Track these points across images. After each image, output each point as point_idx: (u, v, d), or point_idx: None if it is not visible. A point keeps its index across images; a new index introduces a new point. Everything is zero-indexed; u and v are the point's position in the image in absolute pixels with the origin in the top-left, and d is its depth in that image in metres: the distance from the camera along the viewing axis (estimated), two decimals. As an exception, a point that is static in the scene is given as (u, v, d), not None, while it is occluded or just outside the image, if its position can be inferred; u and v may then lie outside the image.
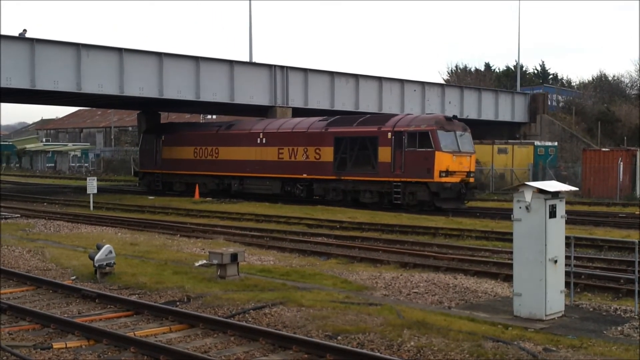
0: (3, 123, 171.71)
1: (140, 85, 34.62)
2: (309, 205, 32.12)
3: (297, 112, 41.62)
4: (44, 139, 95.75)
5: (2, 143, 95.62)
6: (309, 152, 33.83)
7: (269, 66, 40.18)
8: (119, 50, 34.05)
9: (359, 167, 31.88)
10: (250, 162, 36.23)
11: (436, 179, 29.25)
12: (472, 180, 30.84)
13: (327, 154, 33.02)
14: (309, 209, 30.12)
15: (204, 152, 38.97)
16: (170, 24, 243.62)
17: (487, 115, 51.25)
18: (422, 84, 48.18)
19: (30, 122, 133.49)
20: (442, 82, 67.22)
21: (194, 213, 28.69)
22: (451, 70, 77.65)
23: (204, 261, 15.64)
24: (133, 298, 12.26)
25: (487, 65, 75.95)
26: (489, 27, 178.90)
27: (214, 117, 67.57)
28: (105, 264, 14.03)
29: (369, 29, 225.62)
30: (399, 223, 24.47)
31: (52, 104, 48.94)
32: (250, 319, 10.89)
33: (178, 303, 12.03)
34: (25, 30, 33.87)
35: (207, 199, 34.93)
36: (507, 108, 52.85)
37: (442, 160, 29.32)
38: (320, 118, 35.50)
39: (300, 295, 12.23)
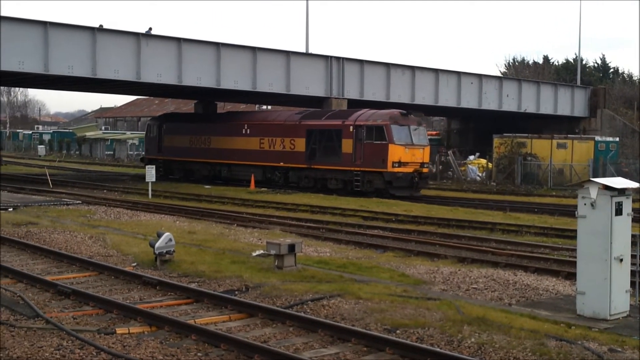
0: (63, 111, 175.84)
1: (198, 75, 34.95)
2: (364, 197, 32.07)
3: (352, 103, 41.50)
4: (102, 127, 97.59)
5: (62, 130, 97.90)
6: (285, 143, 36.72)
7: (325, 57, 40.13)
8: (178, 40, 34.42)
9: (326, 157, 34.74)
10: (237, 151, 39.31)
11: (389, 169, 32.00)
12: (425, 170, 33.69)
13: (300, 144, 35.88)
14: (364, 201, 30.06)
15: (198, 141, 42.04)
16: (228, 14, 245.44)
17: (546, 109, 50.32)
18: (480, 76, 47.55)
19: (89, 111, 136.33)
20: (500, 74, 66.30)
21: (250, 203, 28.89)
22: (509, 62, 76.56)
23: (262, 251, 15.70)
24: (193, 286, 12.39)
25: (546, 58, 74.65)
26: (548, 19, 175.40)
27: (269, 107, 67.88)
28: (165, 251, 14.23)
29: (426, 21, 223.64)
30: (456, 217, 24.24)
31: (111, 92, 49.83)
32: (308, 310, 10.92)
33: (237, 292, 12.13)
34: (150, 28, 35.42)
35: (262, 189, 35.15)
36: (567, 102, 51.80)
37: (395, 152, 32.06)
38: (297, 111, 38.56)
39: (357, 288, 12.20)
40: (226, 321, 10.37)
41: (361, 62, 41.60)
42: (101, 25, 33.51)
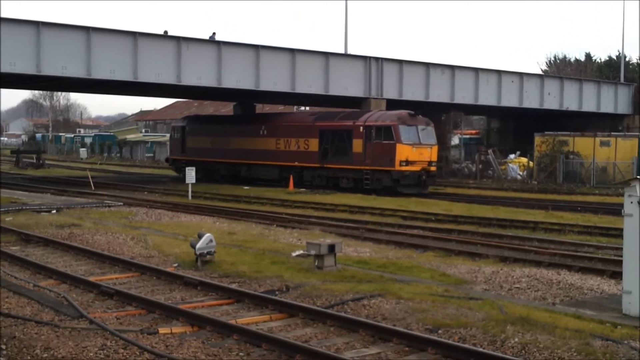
0: (104, 114, 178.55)
1: (237, 78, 35.14)
2: (402, 197, 31.94)
3: (391, 103, 41.34)
4: (143, 130, 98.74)
5: (103, 133, 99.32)
6: (300, 143, 37.82)
7: (364, 58, 40.05)
8: (217, 43, 34.67)
9: (338, 156, 35.70)
10: (255, 151, 40.33)
11: (397, 167, 32.98)
12: (433, 169, 34.45)
13: (314, 144, 36.98)
14: (402, 200, 29.92)
15: (219, 142, 43.15)
16: (266, 16, 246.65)
17: (589, 106, 49.55)
18: (520, 74, 47.01)
19: (130, 114, 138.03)
20: (541, 72, 65.47)
21: (289, 203, 28.95)
22: (550, 60, 75.49)
23: (301, 251, 15.73)
24: (233, 286, 12.44)
25: (588, 56, 73.32)
26: (590, 15, 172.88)
27: (307, 108, 68.00)
28: (206, 252, 14.32)
29: (466, 19, 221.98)
30: (497, 216, 23.99)
31: (152, 95, 50.39)
32: (349, 310, 10.88)
33: (277, 292, 12.14)
34: (214, 34, 36.17)
35: (301, 189, 35.22)
36: (610, 99, 50.93)
37: (403, 151, 33.00)
38: (310, 112, 39.92)
39: (398, 288, 12.13)
40: (267, 321, 10.39)
41: (400, 62, 41.43)
42: (166, 32, 34.75)
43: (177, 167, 46.82)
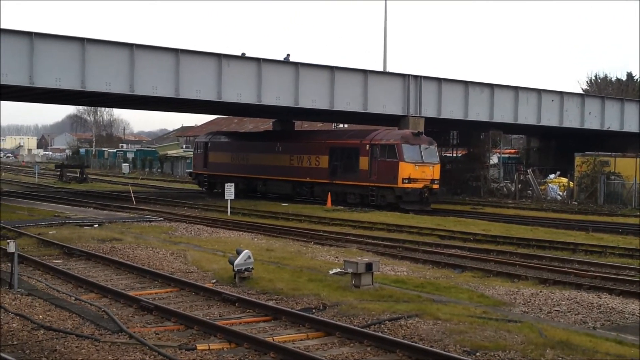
0: (146, 130, 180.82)
1: (277, 95, 35.37)
2: (441, 215, 31.80)
3: (430, 122, 41.24)
4: (184, 146, 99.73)
5: (145, 149, 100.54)
6: (311, 160, 39.40)
7: (403, 75, 40.05)
8: (258, 60, 34.95)
9: (346, 173, 37.27)
10: (270, 167, 42.04)
11: (400, 184, 34.26)
12: (435, 186, 35.43)
13: (324, 161, 38.57)
14: (440, 219, 29.76)
15: (237, 158, 45.09)
16: (306, 35, 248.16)
17: (630, 127, 48.82)
18: (561, 93, 46.55)
19: (171, 129, 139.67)
20: (582, 92, 64.75)
21: (326, 221, 28.99)
22: (591, 79, 74.63)
23: (338, 269, 15.75)
24: (271, 303, 12.50)
25: (629, 75, 72.38)
26: (631, 35, 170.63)
27: (346, 125, 68.13)
28: (244, 268, 14.42)
29: (506, 38, 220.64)
30: (536, 237, 23.71)
31: (193, 112, 50.94)
32: (386, 330, 10.86)
33: (314, 310, 12.17)
34: (289, 55, 37.39)
35: (339, 207, 35.27)
36: (653, 119, 50.11)
37: (405, 169, 34.32)
38: (322, 131, 42.12)
39: (436, 308, 12.08)
40: (304, 339, 10.42)
41: (439, 80, 41.34)
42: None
43: (200, 181, 48.97)
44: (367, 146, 36.02)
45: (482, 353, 9.59)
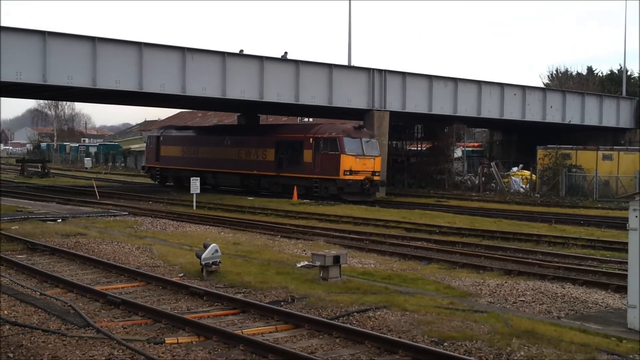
0: (109, 124, 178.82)
1: (242, 89, 35.26)
2: (406, 208, 32.01)
3: (395, 115, 41.48)
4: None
5: (108, 143, 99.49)
6: (259, 153, 40.34)
7: (367, 70, 40.20)
8: (222, 54, 34.79)
9: (292, 165, 38.10)
10: (219, 161, 42.86)
11: (341, 176, 35.16)
12: (377, 178, 36.27)
13: (271, 154, 39.51)
14: (405, 212, 29.97)
15: (188, 151, 45.79)
16: (271, 28, 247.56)
17: (591, 120, 49.68)
18: (523, 87, 47.16)
19: (134, 124, 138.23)
20: (543, 86, 65.58)
21: (293, 214, 29.00)
22: (552, 74, 75.61)
23: (306, 262, 15.79)
24: (239, 296, 12.48)
25: (590, 69, 73.51)
26: (592, 29, 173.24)
27: (311, 119, 68.15)
28: (211, 262, 14.36)
29: (469, 32, 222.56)
30: (500, 229, 24.01)
31: (157, 105, 50.58)
32: (354, 322, 10.92)
33: (282, 303, 12.18)
34: (286, 53, 37.70)
35: (305, 200, 35.30)
36: (612, 113, 51.05)
37: (347, 162, 35.16)
38: (268, 125, 43.18)
39: (403, 300, 12.18)
40: (273, 332, 10.43)
41: (403, 74, 41.57)
42: (241, 50, 36.32)
43: (152, 174, 49.89)
44: (311, 139, 36.83)
45: (450, 343, 9.69)
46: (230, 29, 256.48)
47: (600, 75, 72.18)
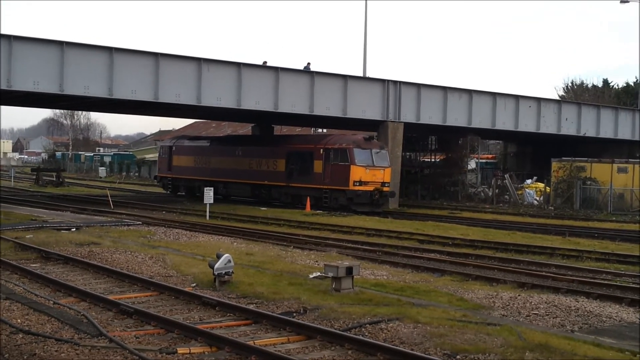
0: (124, 134, 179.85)
1: (257, 99, 35.38)
2: (420, 220, 31.93)
3: (409, 127, 41.47)
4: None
5: (122, 153, 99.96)
6: (269, 163, 40.53)
7: (382, 81, 40.24)
8: (238, 65, 34.93)
9: (302, 176, 38.28)
10: (231, 171, 43.19)
11: (351, 187, 35.25)
12: (386, 189, 36.24)
13: (281, 165, 39.65)
14: (419, 224, 29.91)
15: (200, 161, 46.13)
16: (286, 40, 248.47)
17: (606, 133, 49.44)
18: (538, 99, 47.02)
19: (149, 133, 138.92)
20: (558, 98, 65.37)
21: (306, 225, 29.01)
22: (567, 86, 75.42)
23: (319, 273, 15.79)
24: (251, 307, 12.49)
25: (605, 82, 73.26)
26: (608, 42, 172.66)
27: (325, 130, 68.20)
28: (224, 272, 14.39)
29: (484, 44, 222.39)
30: (513, 241, 23.91)
31: (172, 115, 50.79)
32: (366, 333, 10.90)
33: (295, 314, 12.18)
34: (309, 64, 38.21)
35: (318, 211, 35.31)
36: (628, 126, 50.77)
37: (356, 173, 35.27)
38: (279, 136, 42.77)
39: (416, 312, 12.14)
40: (285, 343, 10.42)
41: (418, 85, 41.57)
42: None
43: (164, 184, 50.08)
44: (321, 150, 36.98)
45: (463, 356, 9.65)
46: (247, 40, 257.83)
47: (616, 87, 71.95)
